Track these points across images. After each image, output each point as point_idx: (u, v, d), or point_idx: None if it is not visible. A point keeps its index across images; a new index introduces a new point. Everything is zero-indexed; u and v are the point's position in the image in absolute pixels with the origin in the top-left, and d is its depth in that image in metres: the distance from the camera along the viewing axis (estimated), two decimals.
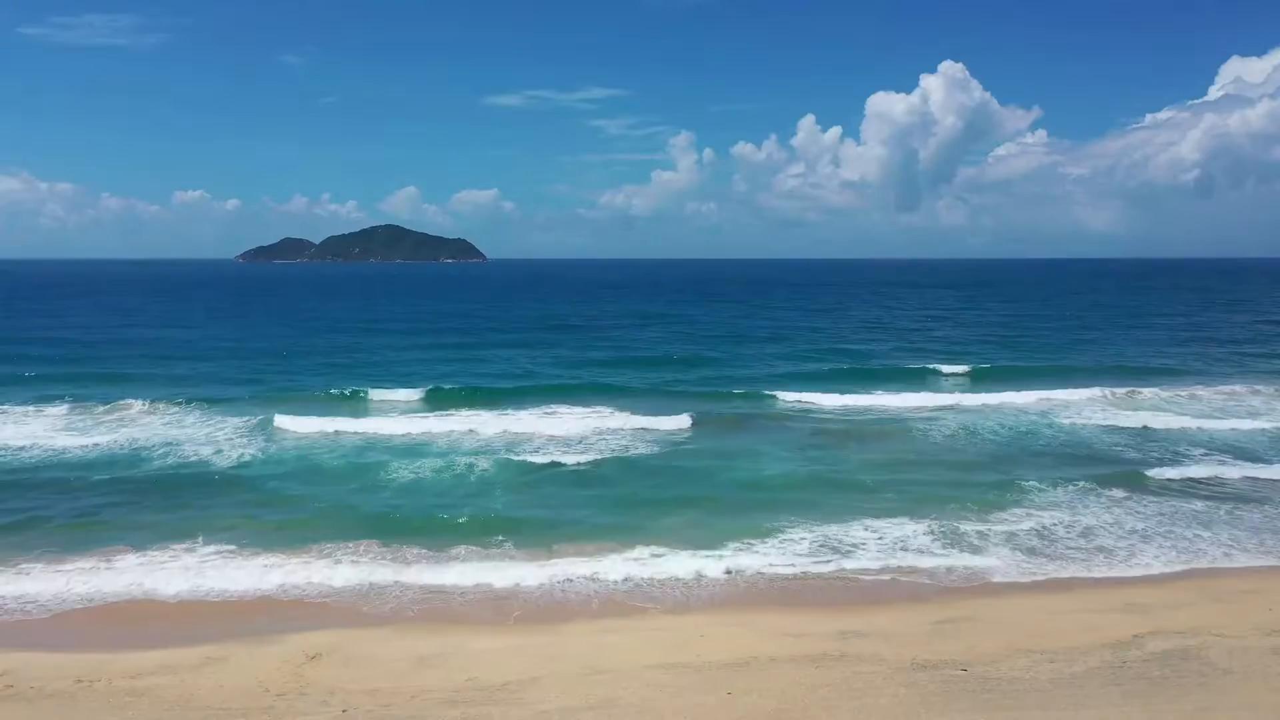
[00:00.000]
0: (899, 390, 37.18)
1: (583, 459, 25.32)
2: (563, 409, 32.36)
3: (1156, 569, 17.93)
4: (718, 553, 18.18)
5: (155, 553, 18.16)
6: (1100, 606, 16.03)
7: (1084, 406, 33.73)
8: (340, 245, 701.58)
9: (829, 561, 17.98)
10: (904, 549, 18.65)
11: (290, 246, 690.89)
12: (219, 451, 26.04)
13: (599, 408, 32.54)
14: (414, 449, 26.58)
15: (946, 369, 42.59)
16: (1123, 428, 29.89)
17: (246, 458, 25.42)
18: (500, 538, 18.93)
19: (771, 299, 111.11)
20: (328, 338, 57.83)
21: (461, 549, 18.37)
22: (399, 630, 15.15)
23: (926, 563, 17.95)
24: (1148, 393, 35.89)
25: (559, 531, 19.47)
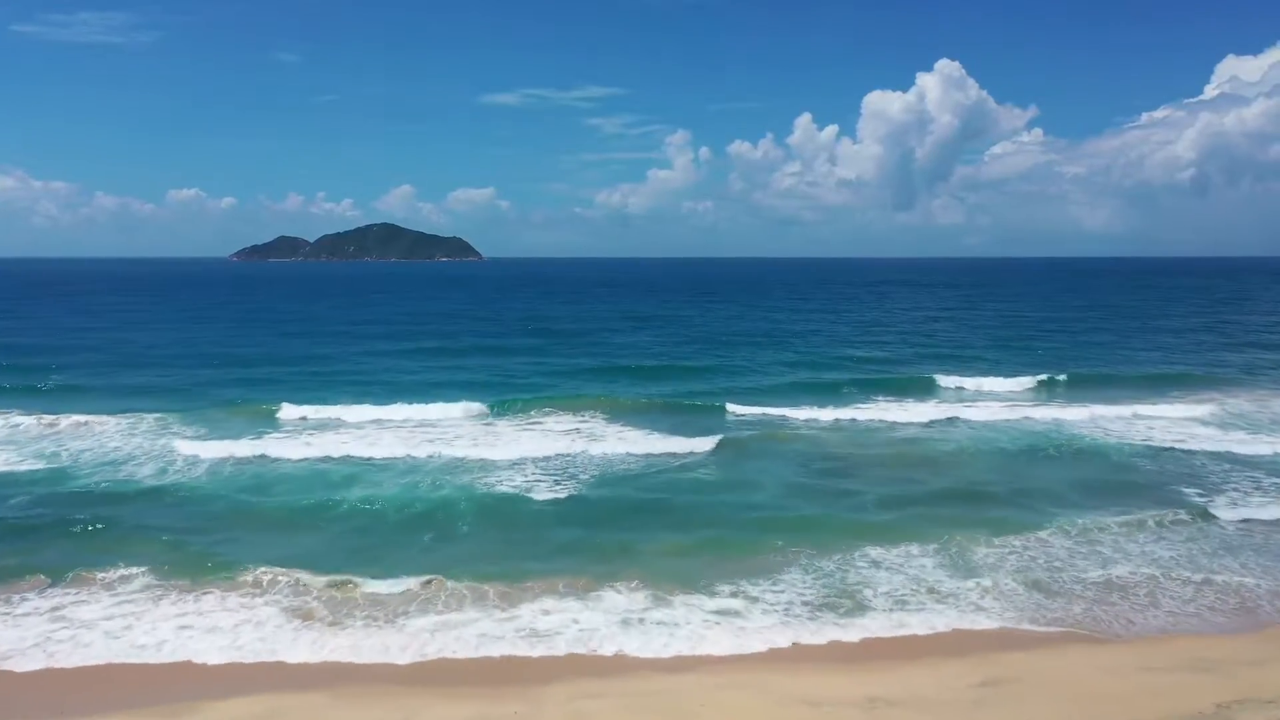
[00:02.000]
0: (904, 400, 34.96)
1: (560, 485, 22.71)
2: (542, 425, 29.87)
3: (1217, 618, 15.60)
4: (717, 600, 15.80)
5: (65, 593, 15.78)
6: (1164, 664, 13.70)
7: (1105, 419, 31.36)
8: (335, 244, 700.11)
9: (844, 608, 15.59)
10: (928, 592, 16.30)
11: (285, 245, 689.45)
12: (162, 471, 23.61)
13: (582, 423, 30.15)
14: (372, 473, 23.85)
15: (952, 377, 40.14)
16: (1152, 446, 27.39)
17: (188, 482, 22.83)
18: (462, 580, 16.36)
19: (768, 299, 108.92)
20: (302, 342, 54.92)
21: (415, 594, 15.88)
22: (337, 697, 12.76)
23: (957, 610, 15.57)
24: (1172, 407, 33.28)
25: (531, 572, 16.94)
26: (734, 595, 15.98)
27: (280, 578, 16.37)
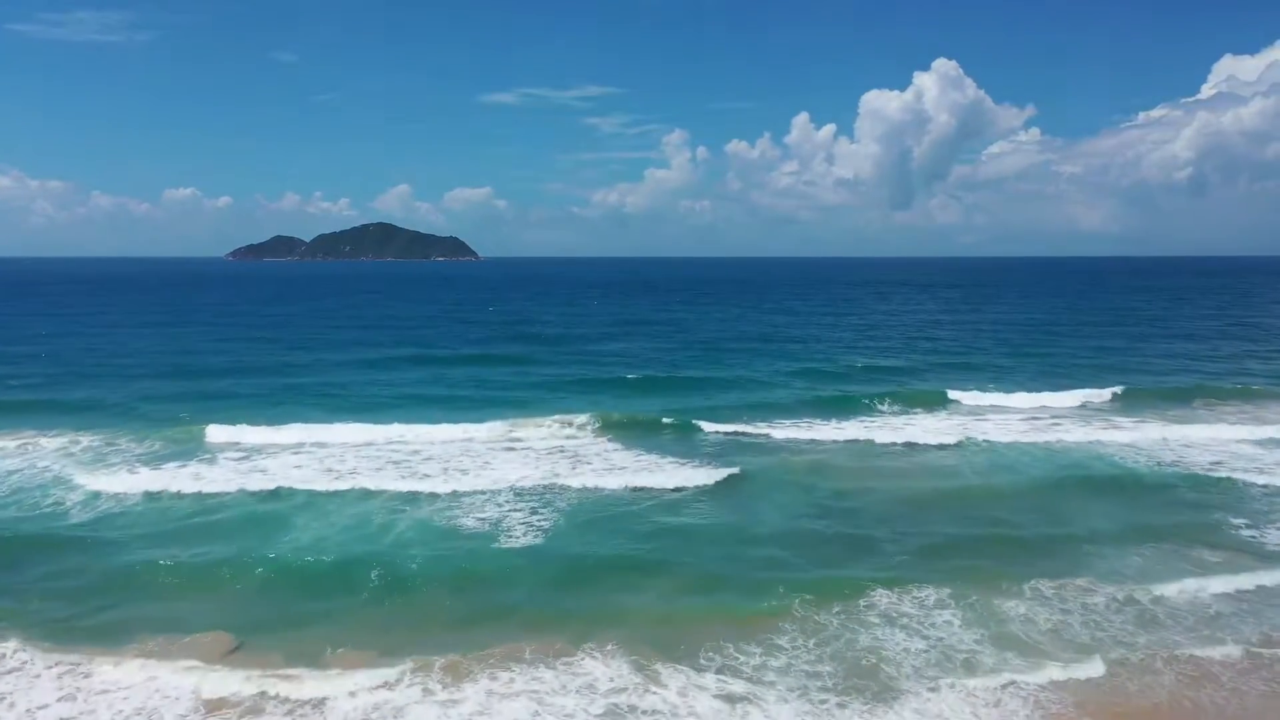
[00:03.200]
0: (918, 417, 32.43)
1: (535, 525, 19.99)
2: (522, 447, 27.17)
3: None
4: (717, 679, 13.18)
5: None
6: None
7: (1137, 441, 28.62)
8: (331, 243, 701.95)
9: (870, 690, 13.00)
10: (961, 665, 13.74)
11: (281, 244, 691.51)
12: (77, 508, 21.06)
13: (567, 443, 27.68)
14: (316, 510, 20.94)
15: (969, 391, 37.49)
16: (1192, 473, 24.66)
17: (103, 521, 20.15)
18: (406, 656, 13.64)
19: (766, 300, 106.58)
20: (273, 349, 51.67)
21: (349, 671, 13.14)
22: None
23: (996, 694, 12.96)
24: (1208, 428, 30.40)
25: (491, 640, 14.24)
26: (738, 673, 13.39)
27: (183, 649, 13.74)
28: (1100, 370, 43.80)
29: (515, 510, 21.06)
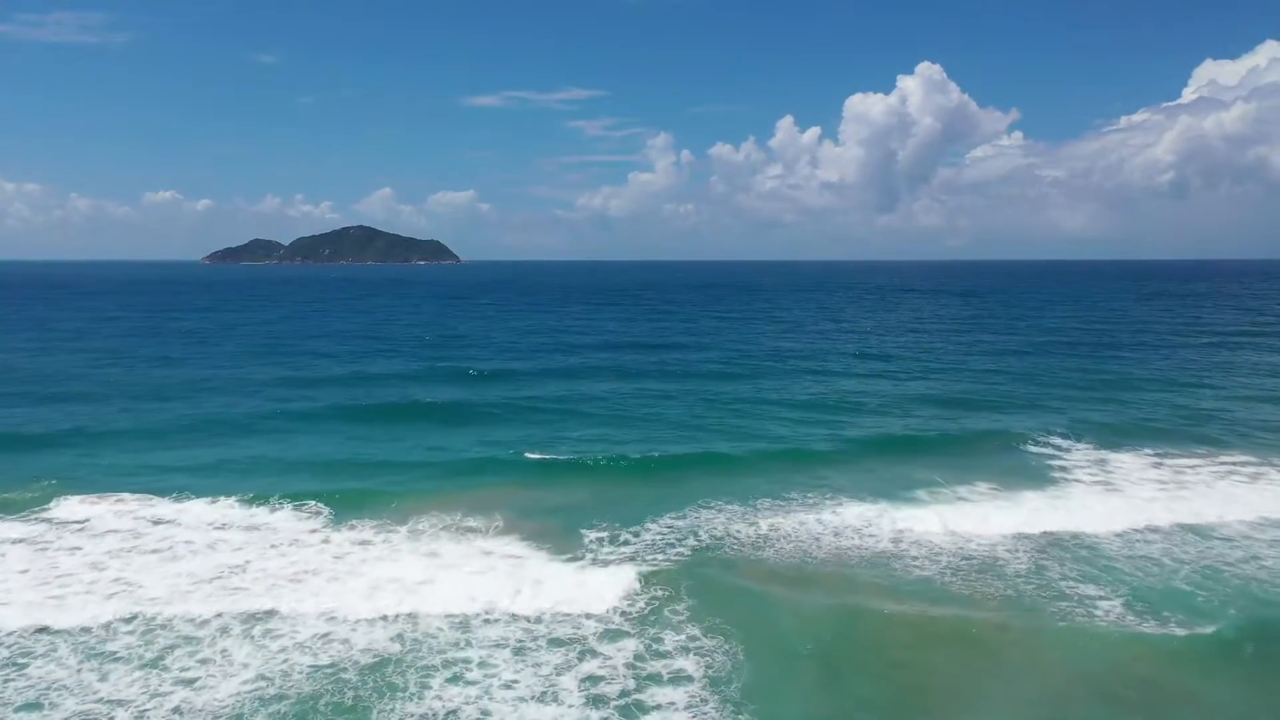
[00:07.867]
0: (1074, 553, 19.49)
1: None
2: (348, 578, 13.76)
3: None
4: None
5: None
6: None
7: None
8: (310, 246, 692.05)
9: None
10: None
11: (259, 248, 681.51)
12: None
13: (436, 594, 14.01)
14: None
15: (1115, 463, 25.26)
16: None
17: None
18: None
19: (762, 309, 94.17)
20: (64, 389, 36.93)
21: None
22: None
23: None
24: None
25: None
26: None
27: None
28: (1200, 417, 32.13)
29: None
